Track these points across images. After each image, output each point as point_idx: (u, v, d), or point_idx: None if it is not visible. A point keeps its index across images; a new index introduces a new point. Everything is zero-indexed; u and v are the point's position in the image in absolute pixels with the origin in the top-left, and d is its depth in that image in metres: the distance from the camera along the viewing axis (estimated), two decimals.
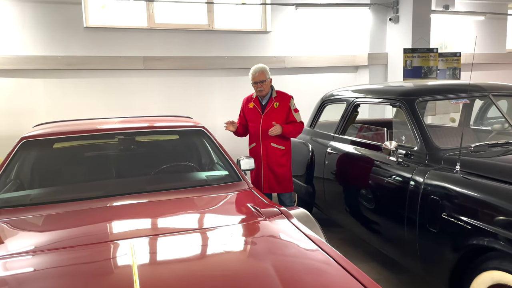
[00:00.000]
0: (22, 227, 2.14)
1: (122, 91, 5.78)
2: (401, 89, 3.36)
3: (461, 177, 2.53)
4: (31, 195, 2.54)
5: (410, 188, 2.82)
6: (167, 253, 1.79)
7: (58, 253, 1.76)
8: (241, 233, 2.01)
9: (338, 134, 3.99)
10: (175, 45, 5.95)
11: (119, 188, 2.57)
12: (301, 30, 6.56)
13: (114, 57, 5.64)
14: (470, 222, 2.34)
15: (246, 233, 2.02)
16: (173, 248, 1.82)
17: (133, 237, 1.87)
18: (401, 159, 3.01)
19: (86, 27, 5.55)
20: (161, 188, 2.60)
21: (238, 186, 2.73)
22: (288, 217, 2.19)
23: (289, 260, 1.76)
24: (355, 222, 3.55)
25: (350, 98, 3.97)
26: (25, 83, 5.41)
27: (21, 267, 1.67)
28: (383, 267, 3.55)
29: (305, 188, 4.39)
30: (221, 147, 3.09)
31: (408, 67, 6.10)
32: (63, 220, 2.17)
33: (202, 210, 2.36)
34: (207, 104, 6.19)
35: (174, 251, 1.80)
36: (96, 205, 2.32)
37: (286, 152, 3.89)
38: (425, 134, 2.95)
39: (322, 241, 1.92)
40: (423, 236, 2.70)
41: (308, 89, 6.49)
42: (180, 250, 1.80)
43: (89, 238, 1.90)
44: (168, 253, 1.78)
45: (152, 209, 2.32)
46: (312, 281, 1.58)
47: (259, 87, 3.76)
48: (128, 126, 3.05)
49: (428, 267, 2.72)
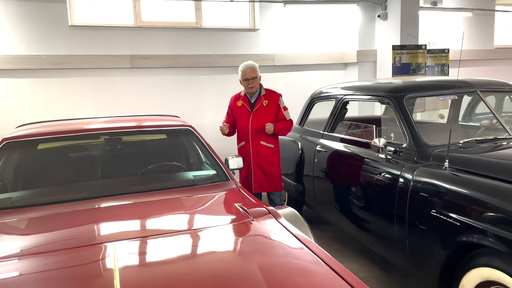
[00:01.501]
0: (4, 230, 2.08)
1: (109, 90, 5.69)
2: (389, 86, 3.34)
3: (450, 174, 2.52)
4: (13, 197, 2.47)
5: (399, 185, 2.81)
6: (151, 256, 1.74)
7: (39, 257, 1.71)
8: (228, 234, 1.97)
9: (327, 132, 3.97)
10: (163, 43, 5.87)
11: (104, 190, 2.51)
12: (290, 28, 6.52)
13: (101, 56, 5.56)
14: (459, 219, 2.33)
15: (233, 234, 1.98)
16: (157, 251, 1.78)
17: (116, 240, 1.82)
18: (390, 156, 2.99)
19: (71, 26, 5.46)
20: (147, 189, 2.55)
21: (226, 186, 2.69)
22: (276, 217, 2.15)
23: (276, 261, 1.73)
24: (345, 220, 3.54)
25: (339, 96, 3.95)
26: (10, 83, 5.31)
27: (1, 272, 1.61)
28: (373, 265, 3.54)
29: (295, 187, 4.36)
30: (208, 146, 3.05)
31: (397, 64, 6.10)
32: (46, 223, 2.11)
33: (189, 211, 2.32)
34: (195, 103, 6.12)
35: (159, 254, 1.75)
36: (80, 207, 2.27)
37: (276, 150, 3.86)
38: (413, 131, 2.93)
39: (310, 241, 1.89)
40: (412, 234, 2.69)
41: (297, 86, 6.46)
42: (165, 253, 1.76)
43: (71, 242, 1.85)
44: (152, 256, 1.73)
45: (137, 211, 2.27)
46: (298, 281, 1.54)
47: (250, 83, 3.71)
48: (114, 126, 2.99)
49: (418, 264, 2.71)
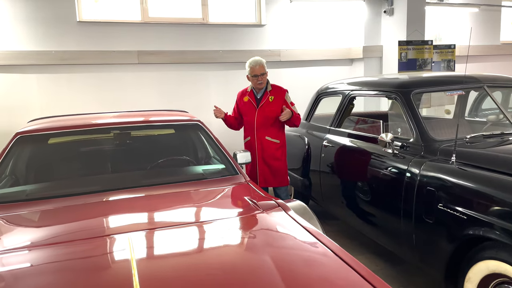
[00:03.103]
0: (19, 222, 2.13)
1: (116, 86, 5.74)
2: (396, 81, 3.36)
3: (457, 168, 2.54)
4: (27, 190, 2.52)
5: (406, 179, 2.84)
6: (165, 246, 1.79)
7: (56, 247, 1.76)
8: (239, 226, 2.01)
9: (334, 127, 3.99)
10: (169, 39, 5.91)
11: (116, 183, 2.55)
12: (296, 23, 6.53)
13: (108, 52, 5.60)
14: (466, 213, 2.36)
15: (244, 226, 2.02)
16: (171, 241, 1.82)
17: (131, 231, 1.87)
18: (397, 151, 3.02)
19: (79, 22, 5.50)
20: (158, 182, 2.59)
21: (235, 180, 2.73)
22: (285, 210, 2.19)
23: (287, 252, 1.77)
24: (352, 214, 3.57)
25: (345, 91, 3.97)
26: (18, 78, 5.36)
27: (19, 262, 1.66)
28: (379, 258, 3.57)
29: (301, 181, 4.40)
30: (217, 141, 3.08)
31: (403, 60, 6.10)
32: (60, 215, 2.16)
33: (199, 204, 2.36)
34: (201, 98, 6.16)
35: (173, 244, 1.80)
36: (93, 199, 2.31)
37: (281, 145, 3.89)
38: (420, 126, 2.96)
39: (320, 233, 1.93)
40: (419, 227, 2.72)
41: (303, 82, 6.47)
42: (179, 244, 1.80)
43: (86, 233, 1.89)
44: (167, 247, 1.78)
45: (149, 203, 2.32)
46: (311, 273, 1.58)
47: (259, 80, 3.73)
48: (124, 121, 3.03)
49: (425, 257, 2.75)
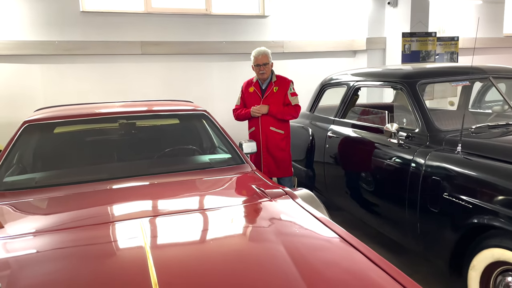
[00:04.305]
0: (30, 209, 2.15)
1: (120, 77, 5.74)
2: (402, 72, 3.37)
3: (463, 158, 2.56)
4: (36, 178, 2.54)
5: (411, 169, 2.86)
6: (178, 232, 1.81)
7: (68, 233, 1.78)
8: (248, 213, 2.04)
9: (339, 118, 4.01)
10: (173, 30, 5.89)
11: (124, 171, 2.57)
12: (299, 15, 6.52)
13: (112, 42, 5.59)
14: (471, 201, 2.38)
15: (253, 213, 2.04)
16: (183, 227, 1.84)
17: (142, 217, 1.89)
18: (402, 141, 3.04)
19: (82, 12, 5.48)
20: (165, 171, 2.61)
21: (241, 169, 2.75)
22: (293, 198, 2.21)
23: (297, 238, 1.79)
24: (356, 204, 3.60)
25: (350, 82, 3.98)
26: (22, 68, 5.36)
27: (31, 247, 1.68)
28: (383, 248, 3.60)
29: (305, 172, 4.42)
30: (223, 131, 3.10)
31: (407, 52, 6.09)
32: (70, 201, 2.18)
33: (208, 191, 2.38)
34: (205, 89, 6.16)
35: (185, 230, 1.82)
36: (102, 187, 2.33)
37: (286, 136, 3.90)
38: (426, 116, 2.97)
39: (328, 219, 1.95)
40: (424, 217, 2.75)
41: (306, 73, 6.47)
42: (190, 229, 1.82)
43: (98, 219, 1.91)
44: (180, 233, 1.80)
45: (158, 191, 2.34)
46: (321, 257, 1.61)
47: (261, 70, 3.75)
48: (131, 110, 3.05)
49: (429, 246, 2.77)
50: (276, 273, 1.45)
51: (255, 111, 3.79)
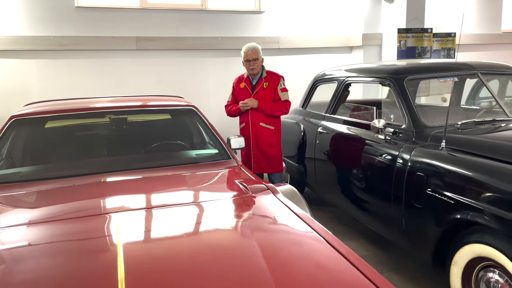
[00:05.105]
0: (10, 202, 2.17)
1: (115, 72, 5.75)
2: (390, 68, 3.36)
3: (446, 154, 2.56)
4: (21, 172, 2.56)
5: (397, 165, 2.86)
6: (152, 227, 1.82)
7: (43, 226, 1.79)
8: (226, 208, 2.05)
9: (329, 114, 4.00)
10: (168, 25, 5.89)
11: (107, 166, 2.59)
12: (295, 10, 6.50)
13: (107, 38, 5.60)
14: (453, 197, 2.38)
15: (231, 207, 2.05)
16: (159, 222, 1.85)
17: (120, 211, 1.90)
18: (389, 137, 3.04)
19: (77, 7, 5.49)
20: (151, 166, 2.62)
21: (227, 164, 2.76)
22: (274, 193, 2.22)
23: (272, 233, 1.80)
24: (345, 200, 3.60)
25: (341, 78, 3.98)
26: (17, 64, 5.38)
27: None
28: (371, 244, 3.61)
29: (297, 168, 4.43)
30: (211, 126, 3.11)
31: (402, 48, 6.07)
32: (51, 195, 2.20)
33: (189, 186, 2.40)
34: (200, 85, 6.17)
35: (159, 225, 1.83)
36: (84, 181, 2.35)
37: (276, 132, 3.91)
38: (412, 112, 2.97)
39: (305, 214, 1.95)
40: (408, 212, 2.75)
41: (302, 70, 6.46)
42: (165, 224, 1.83)
43: (75, 213, 1.93)
44: (154, 227, 1.81)
45: (140, 186, 2.35)
46: (293, 252, 1.61)
47: (251, 65, 3.76)
48: (118, 105, 3.06)
49: (413, 241, 2.78)
50: (245, 267, 1.46)
51: (242, 105, 3.79)
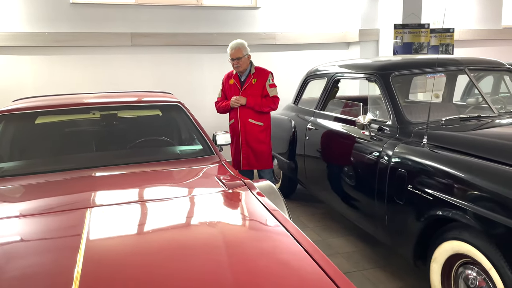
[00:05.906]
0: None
1: (110, 68, 5.77)
2: (376, 64, 3.34)
3: (427, 150, 2.54)
4: (4, 167, 2.58)
5: (381, 161, 2.85)
6: (120, 222, 1.81)
7: (13, 220, 1.81)
8: (199, 203, 2.05)
9: (319, 110, 3.99)
10: (163, 22, 5.89)
11: (89, 161, 2.61)
12: (291, 6, 6.47)
13: (102, 34, 5.61)
14: (433, 194, 2.37)
15: (205, 203, 2.05)
16: (128, 218, 1.85)
17: (91, 206, 1.91)
18: (374, 134, 3.02)
19: (72, 3, 5.50)
20: (133, 161, 2.64)
21: (209, 160, 2.76)
22: (251, 189, 2.22)
23: (241, 228, 1.81)
24: (334, 197, 3.59)
25: (330, 74, 3.96)
26: (12, 60, 5.41)
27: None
28: (359, 240, 3.61)
29: (288, 164, 4.42)
30: (196, 122, 3.11)
31: (399, 43, 6.03)
32: (28, 191, 2.22)
33: (167, 182, 2.40)
34: (195, 81, 6.17)
35: (128, 221, 1.82)
36: (64, 177, 2.37)
37: (265, 128, 3.91)
38: (397, 108, 2.95)
39: (279, 212, 1.94)
40: (391, 209, 2.74)
41: (299, 66, 6.44)
42: (133, 220, 1.83)
43: (47, 208, 1.94)
44: (122, 223, 1.80)
45: (119, 181, 2.37)
46: (259, 248, 1.61)
47: (235, 64, 3.76)
48: (104, 101, 3.07)
49: (396, 238, 2.77)
50: (206, 262, 1.46)
51: (234, 101, 3.79)
